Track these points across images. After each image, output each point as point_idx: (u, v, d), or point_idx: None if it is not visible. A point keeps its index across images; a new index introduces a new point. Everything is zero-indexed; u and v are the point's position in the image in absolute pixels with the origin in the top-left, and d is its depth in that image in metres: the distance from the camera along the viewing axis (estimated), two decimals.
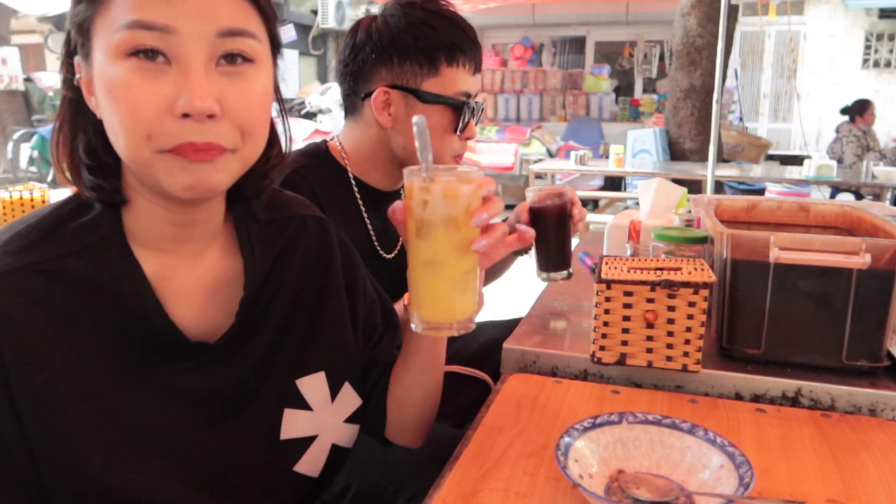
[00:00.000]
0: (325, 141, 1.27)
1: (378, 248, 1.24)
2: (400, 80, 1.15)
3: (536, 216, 1.21)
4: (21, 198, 1.82)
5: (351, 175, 1.21)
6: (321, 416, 0.80)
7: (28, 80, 9.31)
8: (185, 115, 0.59)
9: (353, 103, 1.22)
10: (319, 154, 1.23)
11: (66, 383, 0.64)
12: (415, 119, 0.68)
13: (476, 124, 1.23)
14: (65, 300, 0.65)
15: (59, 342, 0.64)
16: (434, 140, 1.17)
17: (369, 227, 1.22)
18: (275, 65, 0.70)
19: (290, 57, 11.49)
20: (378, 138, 1.20)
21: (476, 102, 1.20)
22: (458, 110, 1.16)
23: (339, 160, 1.22)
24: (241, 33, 0.62)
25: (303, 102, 8.29)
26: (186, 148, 0.60)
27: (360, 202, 1.21)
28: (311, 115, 7.90)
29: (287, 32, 7.97)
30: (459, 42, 1.15)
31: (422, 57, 1.13)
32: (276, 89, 0.72)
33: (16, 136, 8.52)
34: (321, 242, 0.84)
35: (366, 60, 1.16)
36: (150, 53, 0.59)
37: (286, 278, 0.79)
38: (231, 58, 0.62)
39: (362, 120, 1.21)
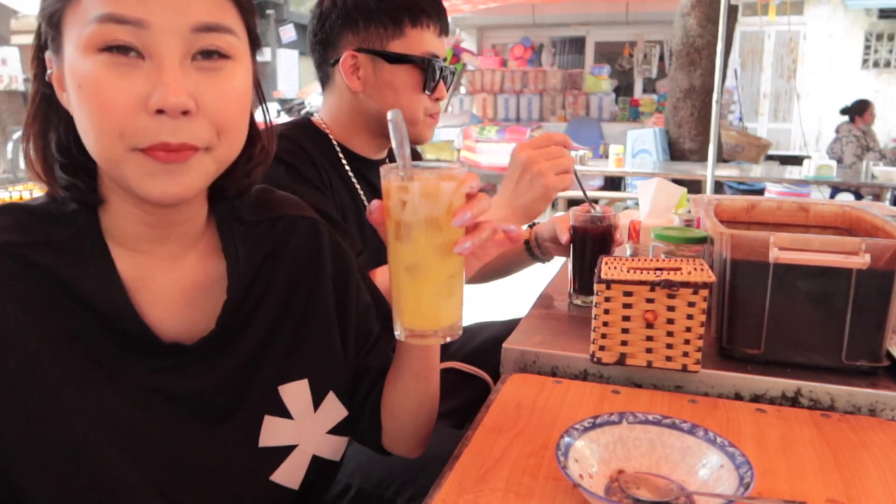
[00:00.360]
0: (306, 116, 1.28)
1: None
2: (366, 44, 1.17)
3: (579, 238, 1.22)
4: (21, 198, 1.82)
5: (335, 142, 1.22)
6: (302, 426, 0.78)
7: (28, 80, 9.33)
8: (159, 112, 0.58)
9: (325, 73, 1.24)
10: (303, 125, 1.24)
11: (34, 370, 0.62)
12: (389, 115, 0.65)
13: (447, 90, 1.24)
14: (34, 287, 0.63)
15: (28, 328, 0.62)
16: (404, 99, 1.18)
17: (360, 195, 1.23)
18: (254, 61, 0.68)
19: (290, 57, 11.50)
20: (352, 105, 1.21)
21: (445, 65, 1.21)
22: (425, 70, 1.18)
23: (322, 129, 1.23)
24: (217, 28, 0.60)
25: (302, 102, 8.29)
26: (159, 148, 0.59)
27: (348, 170, 1.22)
28: (311, 115, 7.88)
29: (287, 32, 7.98)
30: (422, 4, 1.17)
31: (386, 19, 1.15)
32: (257, 86, 0.70)
33: (16, 136, 8.53)
34: (311, 245, 0.81)
35: (333, 27, 1.18)
36: (122, 48, 0.57)
37: (273, 281, 0.77)
38: (207, 54, 0.60)
39: (335, 89, 1.23)
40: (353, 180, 1.22)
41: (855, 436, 0.82)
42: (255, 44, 0.68)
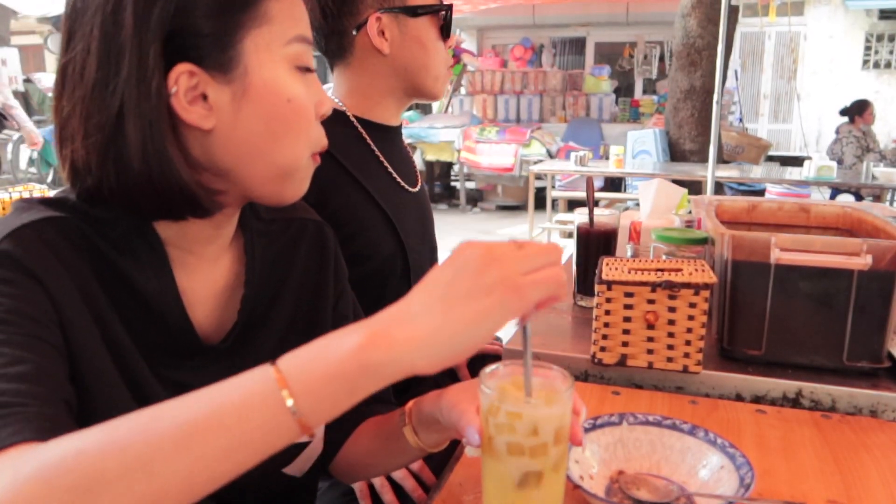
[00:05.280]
0: None
1: (400, 181, 1.23)
2: (387, 3, 1.15)
3: (583, 239, 1.22)
4: (21, 198, 1.82)
5: (352, 116, 1.20)
6: None
7: (28, 80, 9.32)
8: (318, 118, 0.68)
9: (341, 45, 1.19)
10: None
11: (90, 343, 0.61)
12: (524, 328, 0.60)
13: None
14: (98, 269, 0.63)
15: (94, 304, 0.61)
16: (431, 52, 1.17)
17: (384, 162, 1.21)
18: None
19: None
20: (376, 71, 1.19)
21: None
22: (445, 17, 1.18)
23: (337, 107, 1.20)
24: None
25: None
26: (322, 149, 0.70)
27: (369, 140, 1.20)
28: None
29: None
30: None
31: None
32: None
33: (16, 136, 8.52)
34: (319, 247, 0.84)
35: None
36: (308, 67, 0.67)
37: (286, 281, 0.80)
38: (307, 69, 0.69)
39: (355, 59, 1.19)
40: (375, 149, 1.20)
41: (855, 437, 0.82)
42: None
